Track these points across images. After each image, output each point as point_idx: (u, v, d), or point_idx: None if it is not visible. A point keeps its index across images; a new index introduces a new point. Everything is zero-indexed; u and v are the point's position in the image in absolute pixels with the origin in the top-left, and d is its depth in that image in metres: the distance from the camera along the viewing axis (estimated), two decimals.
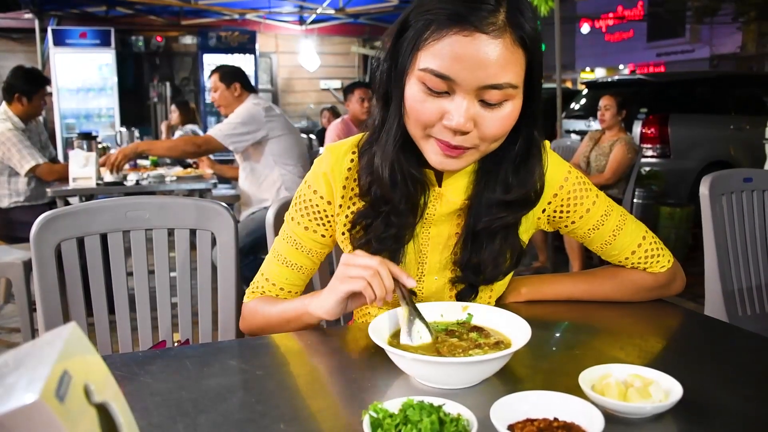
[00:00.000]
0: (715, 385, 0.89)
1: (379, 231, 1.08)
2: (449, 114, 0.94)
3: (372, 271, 0.97)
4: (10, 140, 3.52)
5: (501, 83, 0.92)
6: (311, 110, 11.21)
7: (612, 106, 4.47)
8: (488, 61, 0.91)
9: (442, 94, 0.94)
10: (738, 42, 17.43)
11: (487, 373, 0.87)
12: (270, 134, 3.52)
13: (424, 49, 0.94)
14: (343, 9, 8.48)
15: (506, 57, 0.92)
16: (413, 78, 0.96)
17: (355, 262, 0.99)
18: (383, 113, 1.05)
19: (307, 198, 1.16)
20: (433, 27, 0.92)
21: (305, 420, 0.81)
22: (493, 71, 0.91)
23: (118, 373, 0.92)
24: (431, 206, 1.10)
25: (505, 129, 0.98)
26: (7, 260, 2.98)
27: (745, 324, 1.89)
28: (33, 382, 0.39)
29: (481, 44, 0.90)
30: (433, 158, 1.00)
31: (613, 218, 1.18)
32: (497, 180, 1.07)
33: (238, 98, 3.60)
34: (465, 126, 0.94)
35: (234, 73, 3.63)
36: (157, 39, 10.28)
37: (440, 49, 0.92)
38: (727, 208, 1.92)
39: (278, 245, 1.20)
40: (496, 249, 1.09)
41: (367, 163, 1.08)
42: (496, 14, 0.91)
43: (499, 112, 0.95)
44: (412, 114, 0.97)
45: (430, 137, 0.99)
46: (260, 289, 1.21)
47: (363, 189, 1.09)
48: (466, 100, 0.93)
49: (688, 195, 5.47)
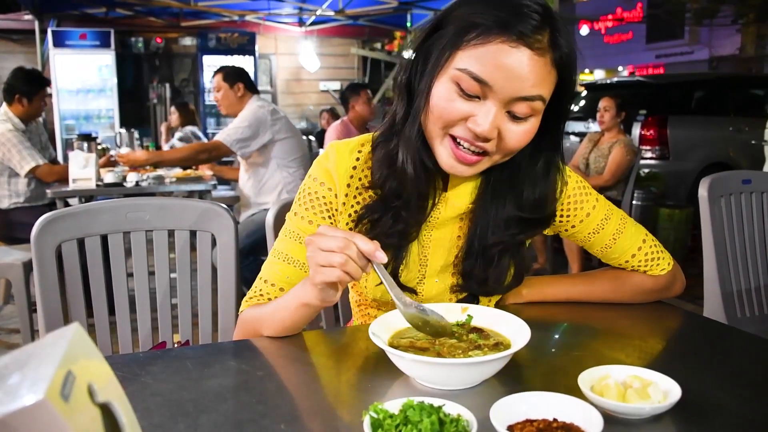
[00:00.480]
0: (713, 386, 0.89)
1: (387, 226, 1.08)
2: (476, 118, 0.95)
3: (341, 256, 0.89)
4: (11, 141, 3.52)
5: (533, 95, 0.94)
6: (310, 112, 11.22)
7: (611, 108, 4.48)
8: (527, 74, 0.92)
9: (473, 97, 0.95)
10: (737, 44, 17.45)
11: (486, 374, 0.87)
12: (275, 137, 3.52)
13: (464, 50, 0.94)
14: (343, 11, 8.49)
15: (544, 74, 0.94)
16: (446, 76, 0.96)
17: (321, 244, 0.91)
18: (406, 107, 1.04)
19: (313, 191, 1.14)
20: (480, 30, 0.92)
21: (305, 420, 0.81)
22: (529, 84, 0.93)
23: (120, 374, 0.92)
24: (436, 209, 1.11)
25: (524, 143, 0.99)
26: (7, 261, 2.99)
27: (744, 325, 1.89)
28: (38, 382, 0.39)
29: (525, 57, 0.91)
30: (445, 161, 1.01)
31: (613, 222, 1.18)
32: (511, 195, 1.07)
33: (241, 99, 3.59)
34: (490, 133, 0.95)
35: (237, 74, 3.62)
36: (157, 40, 10.28)
37: (483, 53, 0.92)
38: (725, 210, 1.92)
39: (279, 245, 1.17)
40: (505, 265, 1.11)
41: (384, 155, 1.07)
42: (543, 32, 0.92)
43: (523, 125, 0.97)
44: (436, 111, 0.97)
45: (446, 136, 0.99)
46: (259, 293, 1.16)
47: (376, 182, 1.08)
48: (495, 108, 0.94)
49: (687, 197, 5.47)
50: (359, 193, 1.12)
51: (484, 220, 1.09)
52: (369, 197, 1.11)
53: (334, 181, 1.12)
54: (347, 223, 1.13)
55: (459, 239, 1.14)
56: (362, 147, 1.13)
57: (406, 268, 1.13)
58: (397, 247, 1.10)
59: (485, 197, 1.09)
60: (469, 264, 1.12)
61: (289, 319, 1.05)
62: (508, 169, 1.06)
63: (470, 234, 1.12)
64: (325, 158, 1.14)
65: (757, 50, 16.89)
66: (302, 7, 8.87)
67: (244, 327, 1.13)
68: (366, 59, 11.52)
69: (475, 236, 1.11)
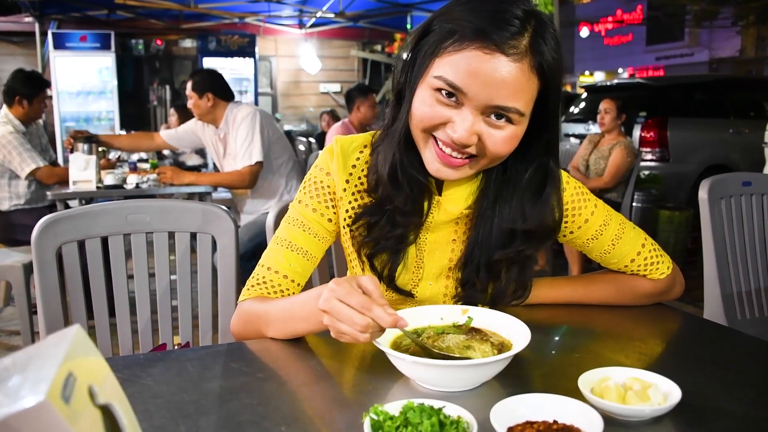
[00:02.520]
0: (713, 388, 0.89)
1: (386, 230, 1.09)
2: (453, 125, 0.95)
3: (363, 330, 0.85)
4: (11, 143, 3.52)
5: (509, 107, 0.93)
6: (311, 114, 11.23)
7: (612, 110, 4.48)
8: (502, 82, 0.91)
9: (450, 104, 0.95)
10: (737, 45, 17.46)
11: (487, 376, 0.87)
12: (272, 136, 3.53)
13: (441, 57, 0.94)
14: (343, 13, 8.49)
15: (521, 82, 0.92)
16: (426, 82, 0.97)
17: (344, 314, 0.85)
18: (394, 112, 1.06)
19: (318, 180, 1.15)
20: (456, 37, 0.93)
21: (306, 422, 0.81)
22: (504, 93, 0.92)
23: (120, 376, 0.92)
24: (431, 213, 1.11)
25: (507, 149, 0.99)
26: (7, 263, 2.99)
27: (744, 327, 1.89)
28: (39, 384, 0.39)
29: (499, 64, 0.91)
30: (431, 165, 1.02)
31: (612, 227, 1.18)
32: (510, 207, 1.07)
33: (212, 108, 3.49)
34: (467, 140, 0.95)
35: (206, 81, 3.50)
36: (157, 42, 10.29)
37: (458, 60, 0.92)
38: (726, 212, 1.92)
39: (282, 232, 1.15)
40: (512, 278, 1.12)
41: (375, 161, 1.09)
42: (520, 38, 0.91)
43: (502, 131, 0.96)
44: (417, 116, 0.98)
45: (429, 139, 1.00)
46: (261, 280, 1.11)
47: (370, 186, 1.10)
48: (472, 115, 0.95)
49: (687, 199, 5.48)
50: (357, 191, 1.13)
51: (486, 230, 1.09)
52: (366, 198, 1.12)
53: (337, 171, 1.13)
54: (344, 218, 1.14)
55: (454, 242, 1.14)
56: (364, 148, 1.15)
57: (404, 270, 1.13)
58: (395, 250, 1.11)
59: (481, 203, 1.10)
60: (468, 273, 1.12)
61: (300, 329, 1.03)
62: (502, 176, 1.07)
63: (470, 242, 1.12)
64: (330, 150, 1.15)
65: (757, 52, 16.89)
66: (302, 9, 8.87)
67: (245, 318, 1.10)
68: (366, 61, 11.53)
69: (475, 244, 1.11)
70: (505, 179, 1.07)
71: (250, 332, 1.11)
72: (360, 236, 1.12)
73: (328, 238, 1.16)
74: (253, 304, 1.10)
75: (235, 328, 1.14)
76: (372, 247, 1.11)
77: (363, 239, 1.12)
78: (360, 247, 1.13)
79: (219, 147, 3.61)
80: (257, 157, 3.40)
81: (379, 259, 1.12)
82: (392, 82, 1.07)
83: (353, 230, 1.13)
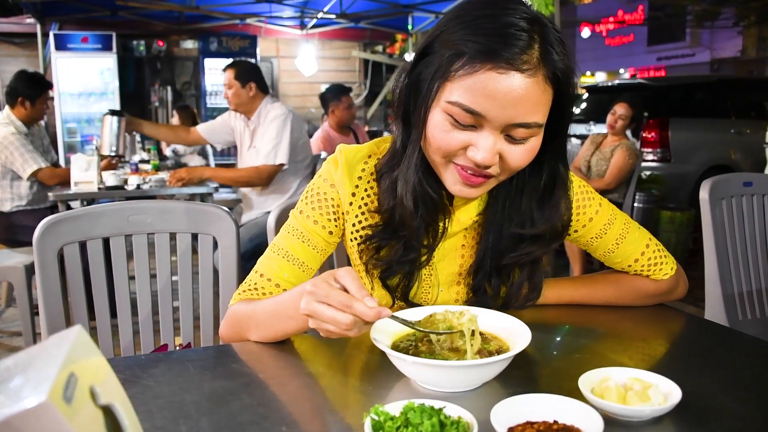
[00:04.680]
0: (714, 388, 0.89)
1: (399, 254, 1.08)
2: (474, 148, 0.94)
3: (347, 328, 0.86)
4: (13, 144, 3.53)
5: (529, 123, 0.92)
6: (312, 114, 11.22)
7: (627, 118, 4.44)
8: (520, 99, 0.89)
9: (468, 127, 0.93)
10: (738, 46, 17.46)
11: (487, 376, 0.87)
12: (299, 140, 3.51)
13: (453, 81, 0.91)
14: (344, 13, 8.49)
15: (538, 95, 0.91)
16: (439, 108, 0.94)
17: (327, 315, 0.86)
18: (404, 136, 1.03)
19: (322, 191, 1.13)
20: (465, 59, 0.89)
21: (307, 423, 0.81)
22: (524, 110, 0.90)
23: (121, 376, 0.92)
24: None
25: (527, 161, 0.98)
26: (9, 264, 2.99)
27: (745, 328, 1.89)
28: (40, 384, 0.40)
29: (516, 82, 0.88)
30: (453, 187, 1.00)
31: (617, 226, 1.18)
32: (519, 212, 1.07)
33: (252, 99, 3.49)
34: (491, 161, 0.94)
35: (250, 71, 3.51)
36: (159, 43, 10.30)
37: (472, 84, 0.89)
38: (727, 212, 1.92)
39: (279, 240, 1.14)
40: (522, 281, 1.12)
41: (390, 187, 1.06)
42: (530, 51, 0.89)
43: (523, 146, 0.95)
44: (434, 143, 0.96)
45: (449, 163, 0.99)
46: (253, 286, 1.11)
47: (384, 212, 1.07)
48: (492, 136, 0.93)
49: (688, 199, 5.48)
50: (365, 205, 1.12)
51: (496, 236, 1.09)
52: (376, 217, 1.11)
53: (343, 184, 1.12)
54: (351, 232, 1.13)
55: (463, 248, 1.15)
56: (368, 158, 1.13)
57: (417, 284, 1.14)
58: (409, 272, 1.11)
59: (491, 210, 1.10)
60: (480, 279, 1.12)
61: (289, 328, 1.02)
62: (511, 181, 1.06)
63: (480, 248, 1.12)
64: (334, 160, 1.14)
65: (758, 52, 16.89)
66: (303, 10, 8.87)
67: (231, 321, 1.10)
68: (367, 62, 11.53)
69: (486, 250, 1.11)
70: (514, 184, 1.07)
71: (237, 335, 1.10)
72: (369, 251, 1.11)
73: (328, 250, 1.15)
74: (240, 305, 1.10)
75: (223, 332, 1.13)
76: (384, 270, 1.11)
77: (374, 260, 1.11)
78: (371, 265, 1.12)
79: (245, 138, 3.61)
80: (282, 159, 3.40)
81: (392, 280, 1.13)
82: (394, 102, 1.03)
83: (364, 248, 1.12)
